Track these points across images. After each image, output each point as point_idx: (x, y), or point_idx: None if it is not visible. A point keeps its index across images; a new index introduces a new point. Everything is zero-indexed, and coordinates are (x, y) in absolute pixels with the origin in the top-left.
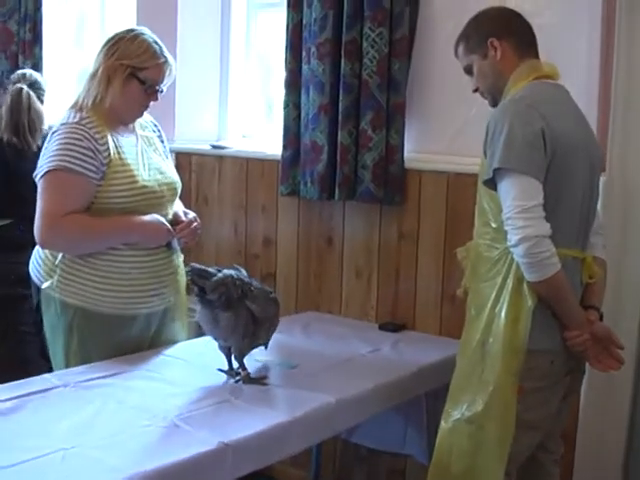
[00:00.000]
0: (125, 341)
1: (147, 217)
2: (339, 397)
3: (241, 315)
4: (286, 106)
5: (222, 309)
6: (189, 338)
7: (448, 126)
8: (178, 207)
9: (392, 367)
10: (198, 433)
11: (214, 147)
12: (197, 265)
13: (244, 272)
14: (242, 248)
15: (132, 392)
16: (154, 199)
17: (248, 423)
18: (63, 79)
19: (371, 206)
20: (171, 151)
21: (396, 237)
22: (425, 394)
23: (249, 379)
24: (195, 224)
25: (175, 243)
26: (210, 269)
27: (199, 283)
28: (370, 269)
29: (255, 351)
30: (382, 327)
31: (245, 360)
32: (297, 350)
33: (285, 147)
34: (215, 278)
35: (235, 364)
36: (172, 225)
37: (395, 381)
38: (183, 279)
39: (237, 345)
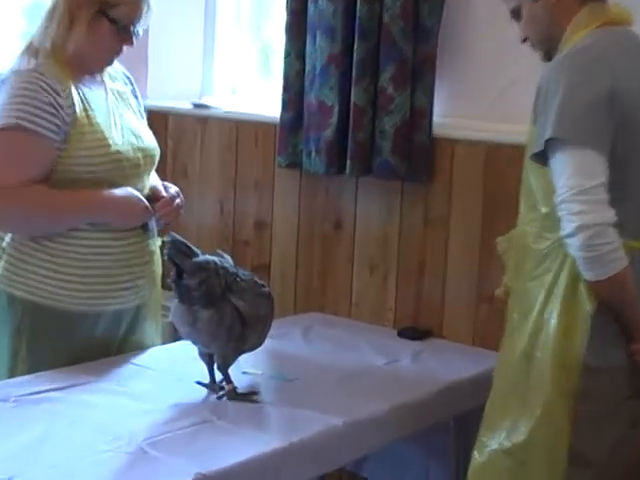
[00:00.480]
0: (86, 345)
1: (120, 191)
2: (346, 419)
3: (225, 313)
4: (287, 56)
5: (202, 305)
6: (164, 342)
7: (488, 85)
8: (154, 180)
9: (413, 384)
10: (171, 461)
11: (196, 106)
12: (179, 237)
13: (229, 260)
14: (229, 233)
15: (90, 409)
16: (129, 168)
17: (233, 450)
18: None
19: (390, 184)
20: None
21: (421, 223)
22: (454, 419)
23: (235, 395)
24: (178, 201)
25: (153, 224)
26: (194, 248)
27: (177, 260)
28: (388, 262)
29: (243, 360)
30: (401, 334)
31: (231, 371)
32: (295, 360)
33: (285, 108)
34: (197, 259)
35: (218, 376)
36: (149, 202)
37: (416, 401)
38: (159, 269)
39: (220, 352)
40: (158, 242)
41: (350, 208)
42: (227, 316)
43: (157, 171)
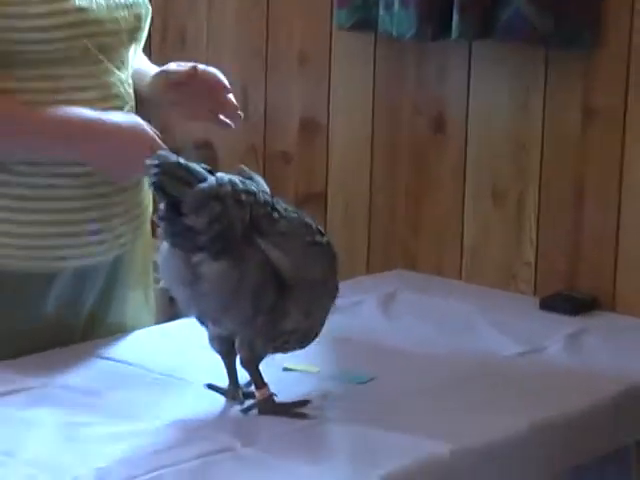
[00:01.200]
0: (33, 325)
1: (119, 117)
2: (456, 446)
3: (249, 267)
4: None
5: (211, 253)
6: (156, 321)
7: None
8: (144, 64)
9: (568, 387)
10: None
11: None
12: (170, 154)
13: (261, 182)
14: (258, 139)
15: (33, 432)
16: (101, 37)
17: None
18: None
19: (527, 52)
20: None
21: (579, 116)
22: (637, 445)
23: (272, 406)
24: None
25: None
26: (195, 166)
27: (171, 190)
28: (523, 185)
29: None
30: (547, 305)
31: (264, 367)
32: (371, 348)
33: None
34: (203, 185)
35: (243, 376)
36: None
37: (575, 416)
38: (148, 205)
39: (243, 333)
40: None
41: (458, 95)
42: (252, 272)
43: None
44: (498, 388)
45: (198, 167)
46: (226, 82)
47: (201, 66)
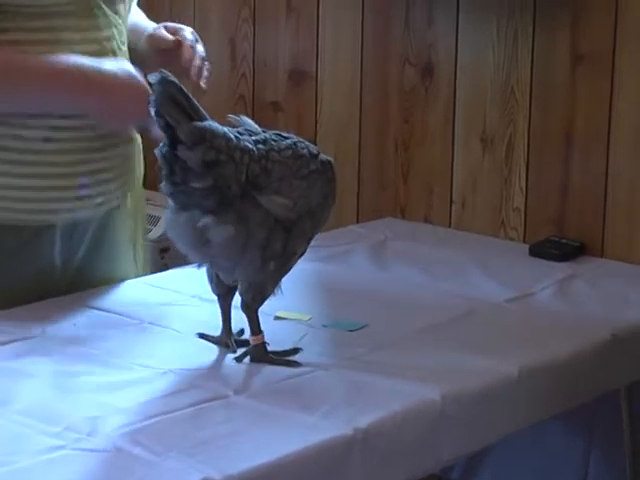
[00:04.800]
0: (19, 277)
1: (111, 64)
2: (447, 391)
3: (254, 226)
4: None
5: (211, 209)
6: (145, 272)
7: None
8: (140, 18)
9: (557, 332)
10: (161, 463)
11: None
12: (172, 76)
13: (251, 124)
14: (247, 89)
15: (26, 382)
16: None
17: (263, 443)
18: None
19: None
20: None
21: (567, 62)
22: (626, 388)
23: (265, 354)
24: (201, 50)
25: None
26: (196, 102)
27: (168, 118)
28: (512, 130)
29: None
30: (536, 250)
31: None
32: (362, 295)
33: None
34: (202, 124)
35: (236, 324)
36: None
37: (565, 360)
38: (139, 160)
39: (251, 278)
40: None
41: (447, 42)
42: (257, 229)
43: None
44: (488, 334)
45: (195, 101)
46: (200, 54)
47: (187, 38)
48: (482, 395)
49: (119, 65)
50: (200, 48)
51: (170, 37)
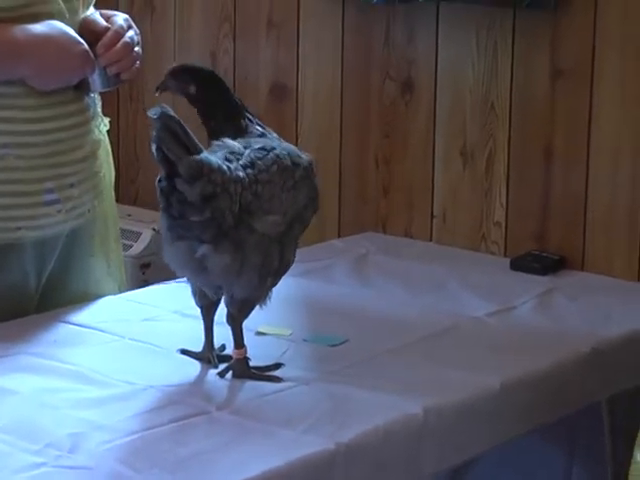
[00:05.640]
0: None
1: (42, 27)
2: (429, 405)
3: (249, 252)
4: None
5: (208, 239)
6: (127, 289)
7: None
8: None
9: (539, 346)
10: (147, 479)
11: None
12: (171, 111)
13: (232, 143)
14: None
15: (8, 399)
16: None
17: (246, 459)
18: None
19: (494, 12)
20: None
21: (546, 75)
22: (607, 401)
23: (246, 369)
24: (130, 36)
25: (96, 82)
26: (193, 136)
27: (169, 153)
28: (492, 143)
29: (257, 310)
30: (517, 264)
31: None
32: (343, 310)
33: None
34: (199, 159)
35: (218, 340)
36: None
37: (546, 374)
38: (110, 169)
39: (246, 293)
40: (106, 123)
41: (427, 57)
42: (253, 253)
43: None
44: (470, 347)
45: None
46: (124, 34)
47: (117, 23)
48: (464, 408)
49: (51, 25)
50: (130, 34)
51: (102, 22)
